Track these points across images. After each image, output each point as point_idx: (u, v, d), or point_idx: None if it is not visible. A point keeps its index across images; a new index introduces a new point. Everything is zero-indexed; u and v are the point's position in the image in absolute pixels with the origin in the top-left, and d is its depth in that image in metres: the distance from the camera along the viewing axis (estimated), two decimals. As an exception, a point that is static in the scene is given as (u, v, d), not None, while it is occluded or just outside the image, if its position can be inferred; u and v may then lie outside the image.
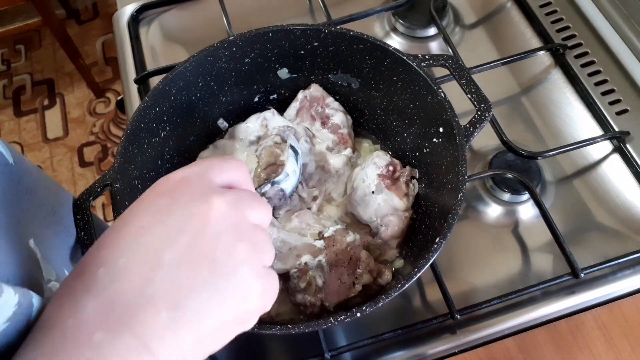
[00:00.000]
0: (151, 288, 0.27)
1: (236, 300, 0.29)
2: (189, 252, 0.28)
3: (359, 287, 0.49)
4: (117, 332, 0.26)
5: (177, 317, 0.27)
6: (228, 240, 0.30)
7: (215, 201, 0.30)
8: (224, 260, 0.29)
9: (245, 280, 0.30)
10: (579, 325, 0.55)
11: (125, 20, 0.79)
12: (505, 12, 0.77)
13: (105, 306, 0.27)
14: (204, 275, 0.28)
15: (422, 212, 0.55)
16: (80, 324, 0.26)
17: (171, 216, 0.29)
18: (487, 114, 0.49)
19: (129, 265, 0.28)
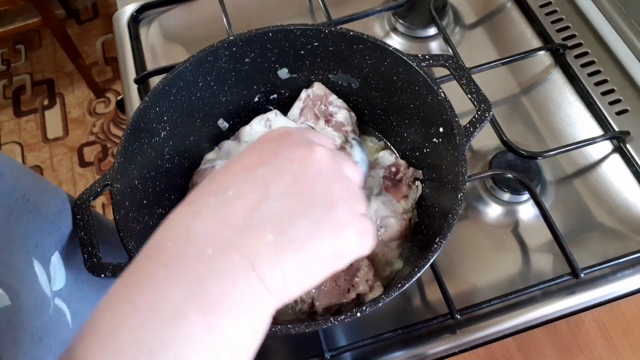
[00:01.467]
0: (258, 215, 0.29)
1: (333, 233, 0.31)
2: (292, 187, 0.31)
3: (354, 294, 0.48)
4: (226, 251, 0.28)
5: (281, 241, 0.29)
6: (327, 180, 0.33)
7: (317, 148, 0.33)
8: (323, 197, 0.32)
9: (342, 215, 0.32)
10: (579, 325, 0.55)
11: (125, 20, 0.79)
12: (505, 12, 0.77)
13: (215, 228, 0.29)
14: (306, 207, 0.31)
15: (422, 212, 0.55)
16: (192, 241, 0.28)
17: (277, 158, 0.32)
18: (487, 114, 0.49)
19: (238, 195, 0.30)
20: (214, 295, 0.27)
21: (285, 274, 0.30)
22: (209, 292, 0.27)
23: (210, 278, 0.27)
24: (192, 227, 0.29)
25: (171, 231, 0.30)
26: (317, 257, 0.31)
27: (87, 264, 0.47)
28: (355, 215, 0.33)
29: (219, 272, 0.28)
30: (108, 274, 0.47)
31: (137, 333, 0.25)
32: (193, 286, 0.27)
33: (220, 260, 0.28)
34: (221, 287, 0.27)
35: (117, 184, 0.48)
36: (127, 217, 0.48)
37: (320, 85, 0.60)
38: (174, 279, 0.27)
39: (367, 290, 0.49)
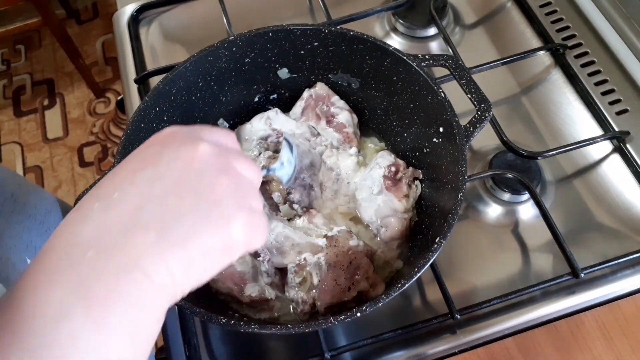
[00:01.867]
0: (141, 215, 0.30)
1: (219, 226, 0.32)
2: (175, 186, 0.31)
3: (354, 292, 0.49)
4: (109, 252, 0.28)
5: (164, 238, 0.30)
6: (211, 176, 0.33)
7: (201, 145, 0.33)
8: (207, 192, 0.32)
9: (228, 209, 0.32)
10: (579, 325, 0.55)
11: (125, 20, 0.79)
12: (505, 12, 0.77)
13: (99, 230, 0.29)
14: (189, 203, 0.31)
15: (422, 212, 0.55)
16: (76, 245, 0.29)
17: (161, 159, 0.32)
18: (487, 114, 0.49)
19: (122, 197, 0.31)
20: (97, 294, 0.27)
21: (172, 269, 0.30)
22: (92, 291, 0.27)
23: (93, 278, 0.28)
24: (77, 232, 0.29)
25: (58, 238, 0.30)
26: (203, 251, 0.31)
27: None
28: (243, 208, 0.34)
29: (102, 273, 0.28)
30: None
31: (19, 335, 0.25)
32: (75, 286, 0.27)
33: (103, 261, 0.28)
34: (105, 286, 0.28)
35: (117, 184, 0.48)
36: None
37: (323, 85, 0.60)
38: (55, 282, 0.27)
39: (368, 288, 0.49)
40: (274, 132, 0.59)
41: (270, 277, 0.51)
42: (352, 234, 0.52)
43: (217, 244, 0.32)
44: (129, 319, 0.28)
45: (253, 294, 0.49)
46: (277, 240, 0.52)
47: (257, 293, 0.50)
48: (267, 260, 0.51)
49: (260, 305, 0.51)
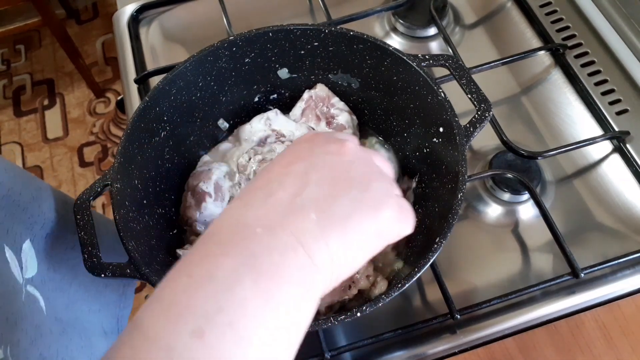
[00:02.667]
0: (300, 199, 0.32)
1: (373, 210, 0.34)
2: (329, 174, 0.34)
3: (355, 291, 0.48)
4: (274, 230, 0.31)
5: (324, 219, 0.32)
6: (360, 166, 0.36)
7: (348, 142, 0.37)
8: (359, 179, 0.35)
9: (379, 195, 0.35)
10: (579, 325, 0.55)
11: (125, 20, 0.79)
12: (505, 12, 0.77)
13: (263, 214, 0.32)
14: (343, 188, 0.34)
15: (422, 212, 0.55)
16: (243, 225, 0.31)
17: (312, 153, 0.35)
18: (487, 114, 0.49)
19: (281, 186, 0.33)
20: (265, 266, 0.29)
21: (331, 249, 0.31)
22: (260, 263, 0.29)
23: (261, 251, 0.29)
24: (242, 215, 0.32)
25: (224, 221, 0.32)
26: (360, 233, 0.33)
27: (87, 263, 0.47)
28: (391, 195, 0.36)
29: (269, 247, 0.30)
30: (108, 274, 0.46)
31: (194, 299, 0.27)
32: (246, 258, 0.29)
33: (270, 237, 0.30)
34: (272, 260, 0.29)
35: (117, 184, 0.48)
36: (127, 217, 0.48)
37: (323, 86, 0.60)
38: (227, 253, 0.29)
39: (368, 286, 0.49)
40: (274, 132, 0.59)
41: None
42: None
43: (371, 228, 0.34)
44: (291, 294, 0.29)
45: None
46: None
47: None
48: None
49: None
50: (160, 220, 0.54)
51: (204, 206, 0.54)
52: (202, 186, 0.55)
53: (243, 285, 0.28)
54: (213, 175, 0.56)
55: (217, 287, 0.27)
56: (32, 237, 0.54)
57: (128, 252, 0.45)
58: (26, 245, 0.52)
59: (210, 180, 0.55)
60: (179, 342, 0.26)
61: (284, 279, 0.29)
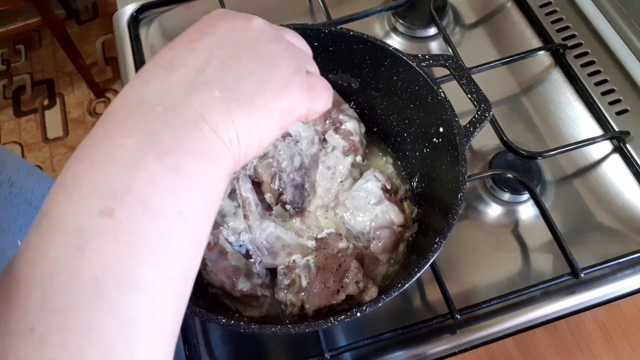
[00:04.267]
0: (204, 76, 0.31)
1: (278, 88, 0.33)
2: (234, 50, 0.33)
3: (343, 295, 0.48)
4: (176, 108, 0.29)
5: (228, 96, 0.31)
6: (266, 43, 0.34)
7: (255, 18, 0.36)
8: (266, 57, 0.33)
9: (285, 72, 0.34)
10: (579, 325, 0.55)
11: (125, 20, 0.79)
12: (505, 12, 0.77)
13: (163, 90, 0.30)
14: (249, 66, 0.32)
15: (422, 212, 0.55)
16: (143, 103, 0.29)
17: (217, 29, 0.34)
18: (487, 114, 0.49)
19: (184, 62, 0.31)
20: (169, 143, 0.28)
21: (237, 127, 0.31)
22: (164, 140, 0.28)
23: (163, 129, 0.28)
24: (142, 93, 0.30)
25: (122, 100, 0.30)
26: (265, 111, 0.32)
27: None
28: (300, 72, 0.35)
29: (171, 125, 0.28)
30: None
31: (97, 180, 0.26)
32: (147, 136, 0.28)
33: (171, 115, 0.29)
34: (175, 136, 0.28)
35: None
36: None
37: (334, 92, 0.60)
38: (127, 132, 0.28)
39: (357, 291, 0.48)
40: None
41: (262, 278, 0.51)
42: (341, 236, 0.52)
43: (277, 106, 0.33)
44: (199, 169, 0.29)
45: (244, 288, 0.49)
46: (268, 240, 0.51)
47: (248, 288, 0.50)
48: (258, 262, 0.51)
49: (250, 302, 0.51)
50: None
51: None
52: None
53: (147, 163, 0.27)
54: None
55: (121, 166, 0.27)
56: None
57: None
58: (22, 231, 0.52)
59: None
60: (88, 222, 0.25)
61: (190, 154, 0.28)
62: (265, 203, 0.56)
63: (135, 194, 0.26)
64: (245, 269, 0.51)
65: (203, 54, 0.32)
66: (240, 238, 0.52)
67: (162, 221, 0.27)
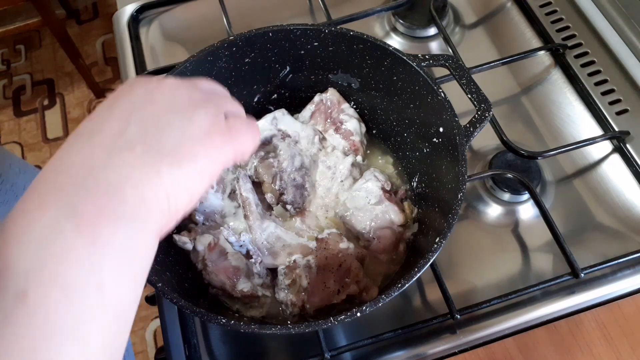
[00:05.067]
0: (125, 136, 0.31)
1: (200, 136, 0.33)
2: (151, 109, 0.33)
3: (343, 295, 0.48)
4: (97, 171, 0.28)
5: (151, 151, 0.30)
6: (182, 96, 0.34)
7: (167, 77, 0.36)
8: (182, 108, 0.33)
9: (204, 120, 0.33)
10: (579, 325, 0.55)
11: (125, 20, 0.79)
12: (505, 12, 0.77)
13: (84, 157, 0.29)
14: (167, 121, 0.32)
15: (422, 212, 0.55)
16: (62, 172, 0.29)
17: (132, 93, 0.34)
18: (487, 114, 0.49)
19: (102, 128, 0.31)
20: (88, 211, 0.27)
21: (162, 180, 0.30)
22: (82, 209, 0.27)
23: (83, 197, 0.27)
24: (63, 162, 0.29)
25: (44, 173, 0.30)
26: (191, 161, 0.32)
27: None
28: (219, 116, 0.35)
29: (92, 192, 0.28)
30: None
31: (12, 258, 0.25)
32: (65, 207, 0.27)
33: (93, 181, 0.28)
34: (95, 202, 0.27)
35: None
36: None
37: (335, 91, 0.60)
38: (45, 205, 0.27)
39: (357, 291, 0.49)
40: (279, 132, 0.58)
41: (262, 278, 0.51)
42: (342, 236, 0.52)
43: (201, 154, 0.32)
44: (121, 235, 0.27)
45: (245, 289, 0.49)
46: (268, 240, 0.52)
47: (249, 288, 0.50)
48: (259, 262, 0.51)
49: (251, 302, 0.51)
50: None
51: (205, 197, 0.54)
52: None
53: (64, 236, 0.26)
54: None
55: (36, 242, 0.25)
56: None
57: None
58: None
59: None
60: (2, 307, 0.24)
61: (111, 220, 0.27)
62: (266, 203, 0.56)
63: (50, 272, 0.25)
64: (246, 269, 0.51)
65: (121, 117, 0.32)
66: (241, 238, 0.52)
67: (78, 298, 0.25)
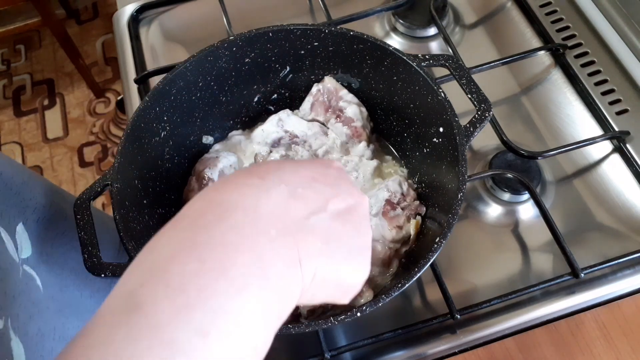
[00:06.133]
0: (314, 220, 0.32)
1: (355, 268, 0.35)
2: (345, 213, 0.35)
3: None
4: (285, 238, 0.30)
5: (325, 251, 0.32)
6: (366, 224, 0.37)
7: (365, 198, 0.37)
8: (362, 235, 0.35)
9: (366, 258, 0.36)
10: (579, 325, 0.55)
11: (125, 20, 0.79)
12: (505, 12, 0.77)
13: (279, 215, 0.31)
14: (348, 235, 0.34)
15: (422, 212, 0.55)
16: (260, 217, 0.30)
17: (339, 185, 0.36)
18: (487, 114, 0.49)
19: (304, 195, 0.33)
20: (272, 274, 0.29)
21: (316, 278, 0.32)
22: (268, 269, 0.29)
23: (270, 258, 0.29)
24: (262, 204, 0.31)
25: (244, 197, 0.31)
26: (339, 279, 0.34)
27: (87, 263, 0.47)
28: (369, 257, 0.37)
29: (277, 255, 0.29)
30: (108, 274, 0.46)
31: (204, 294, 0.26)
32: (257, 260, 0.28)
33: (280, 244, 0.30)
34: (276, 270, 0.29)
35: (117, 184, 0.48)
36: (127, 217, 0.48)
37: (331, 79, 0.59)
38: (242, 248, 0.28)
39: None
40: (287, 134, 0.58)
41: None
42: None
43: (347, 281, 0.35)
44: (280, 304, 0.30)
45: None
46: None
47: None
48: None
49: None
50: (160, 221, 0.54)
51: None
52: (207, 172, 0.55)
53: (250, 290, 0.27)
54: (219, 163, 0.56)
55: (228, 288, 0.27)
56: (25, 220, 0.55)
57: (128, 253, 0.45)
58: (19, 228, 0.53)
59: (215, 167, 0.55)
60: (184, 339, 0.24)
61: (280, 290, 0.29)
62: None
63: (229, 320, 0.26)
64: None
65: (320, 199, 0.34)
66: None
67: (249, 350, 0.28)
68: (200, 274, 0.26)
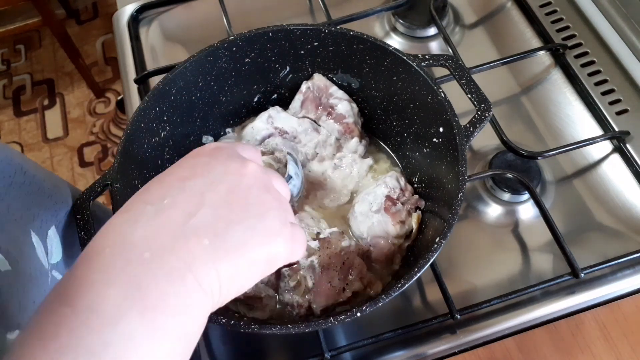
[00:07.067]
0: (193, 221, 0.31)
1: (266, 239, 0.34)
2: (226, 197, 0.33)
3: (349, 293, 0.48)
4: (163, 255, 0.29)
5: (217, 246, 0.31)
6: (258, 191, 0.35)
7: (249, 163, 0.36)
8: (256, 206, 0.34)
9: (273, 224, 0.34)
10: (579, 325, 0.55)
11: (125, 20, 0.79)
12: (505, 12, 0.77)
13: (152, 234, 0.30)
14: (239, 215, 0.33)
15: (422, 211, 0.55)
16: (130, 246, 0.29)
17: (211, 171, 0.34)
18: (487, 114, 0.49)
19: (174, 203, 0.32)
20: (152, 297, 0.28)
21: (221, 276, 0.31)
22: (147, 293, 0.28)
23: (148, 280, 0.28)
24: (129, 234, 0.30)
25: (108, 238, 0.30)
26: (251, 261, 0.33)
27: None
28: (285, 223, 0.36)
29: (157, 275, 0.29)
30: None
31: (76, 333, 0.26)
32: (131, 288, 0.28)
33: (158, 263, 0.29)
34: (159, 289, 0.28)
35: (117, 184, 0.48)
36: (127, 217, 0.47)
37: (320, 76, 0.59)
38: (112, 281, 0.28)
39: (362, 288, 0.49)
40: (276, 130, 0.58)
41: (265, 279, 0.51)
42: (343, 234, 0.52)
43: (262, 256, 0.34)
44: (178, 322, 0.29)
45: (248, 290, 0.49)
46: None
47: (252, 289, 0.50)
48: None
49: (254, 303, 0.51)
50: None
51: None
52: None
53: (129, 318, 0.27)
54: None
55: (102, 322, 0.26)
56: (57, 223, 0.54)
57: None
58: (51, 232, 0.53)
59: None
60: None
61: (171, 309, 0.28)
62: None
63: (112, 354, 0.26)
64: None
65: (194, 196, 0.32)
66: None
67: None
68: (71, 317, 0.26)
